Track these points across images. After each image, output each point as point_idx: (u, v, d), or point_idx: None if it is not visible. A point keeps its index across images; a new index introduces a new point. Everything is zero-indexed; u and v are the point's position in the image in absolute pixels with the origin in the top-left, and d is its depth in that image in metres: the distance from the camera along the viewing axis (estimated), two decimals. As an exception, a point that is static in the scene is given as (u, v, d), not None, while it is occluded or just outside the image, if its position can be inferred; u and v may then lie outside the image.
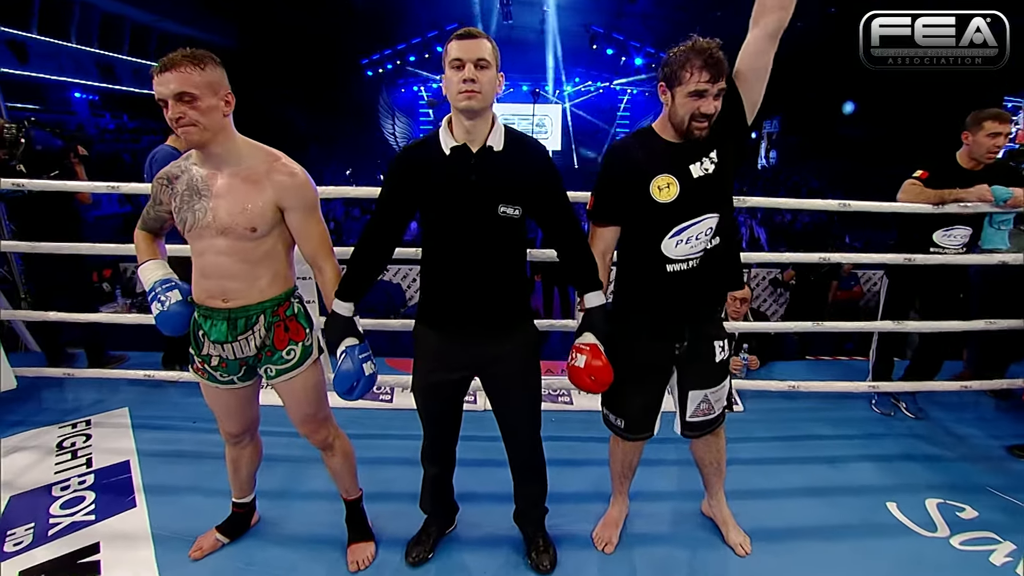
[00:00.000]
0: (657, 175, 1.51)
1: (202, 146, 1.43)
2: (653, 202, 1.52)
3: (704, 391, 1.68)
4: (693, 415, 1.71)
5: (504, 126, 1.47)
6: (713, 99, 1.44)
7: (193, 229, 1.46)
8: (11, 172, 2.77)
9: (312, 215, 1.55)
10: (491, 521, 1.97)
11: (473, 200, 1.43)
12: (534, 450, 1.76)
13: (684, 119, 1.46)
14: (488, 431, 2.15)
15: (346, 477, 1.83)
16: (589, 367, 1.55)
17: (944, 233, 2.57)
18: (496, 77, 1.41)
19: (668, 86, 1.49)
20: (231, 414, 1.69)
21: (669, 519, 2.03)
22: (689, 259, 1.57)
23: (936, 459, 2.43)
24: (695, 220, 1.53)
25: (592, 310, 1.59)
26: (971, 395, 3.02)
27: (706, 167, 1.52)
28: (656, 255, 1.56)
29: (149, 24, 14.98)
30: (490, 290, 1.51)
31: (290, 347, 1.59)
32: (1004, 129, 2.44)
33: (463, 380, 1.63)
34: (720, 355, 1.68)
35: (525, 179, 1.46)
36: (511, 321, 1.58)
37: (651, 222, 1.55)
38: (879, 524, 2.01)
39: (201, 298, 1.53)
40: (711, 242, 1.57)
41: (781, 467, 2.35)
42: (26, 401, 2.76)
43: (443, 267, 1.52)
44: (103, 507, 2.02)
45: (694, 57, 1.42)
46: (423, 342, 1.61)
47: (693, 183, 1.51)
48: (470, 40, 1.36)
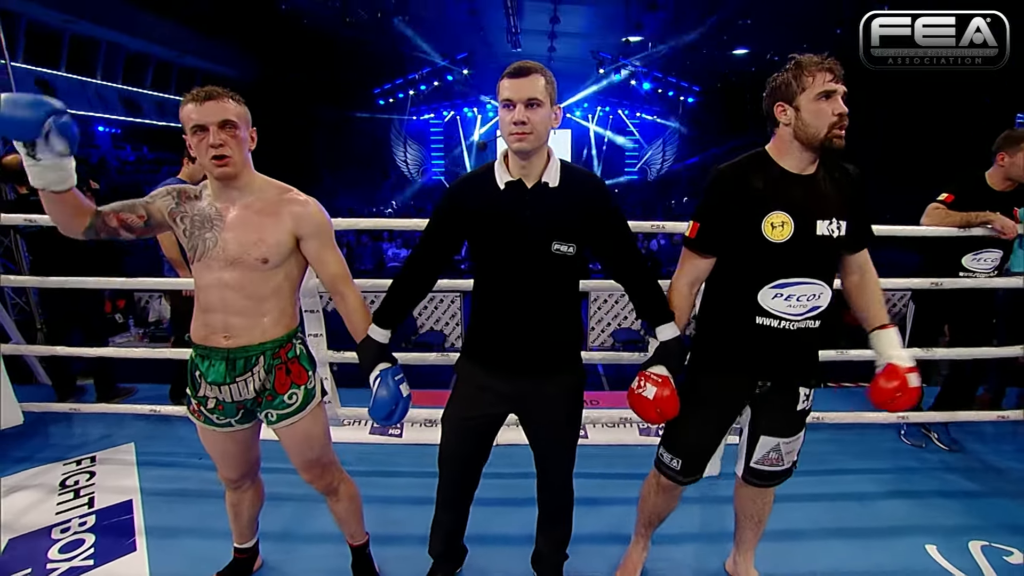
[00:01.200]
0: (773, 210, 1.38)
1: (231, 179, 1.41)
2: (763, 240, 1.39)
3: (777, 439, 1.54)
4: (759, 462, 1.57)
5: (560, 160, 1.43)
6: (842, 101, 1.33)
7: (202, 259, 1.43)
8: (34, 207, 2.80)
9: (328, 242, 1.53)
10: (501, 566, 1.88)
11: (526, 236, 1.38)
12: (565, 493, 1.68)
13: (820, 128, 1.33)
14: (502, 468, 2.08)
15: (352, 522, 1.76)
16: (659, 398, 1.46)
17: (974, 257, 2.48)
18: (551, 113, 1.36)
19: (787, 100, 1.37)
20: (229, 459, 1.62)
21: (691, 567, 1.91)
22: (783, 319, 1.43)
23: (976, 495, 2.29)
24: (802, 280, 1.41)
25: (669, 343, 1.51)
26: (1009, 425, 2.86)
27: (833, 229, 1.39)
28: (749, 303, 1.44)
29: (171, 60, 15.53)
30: (540, 329, 1.45)
31: (292, 391, 1.54)
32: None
33: (498, 418, 1.57)
34: (803, 404, 1.53)
35: (580, 215, 1.41)
36: (560, 361, 1.51)
37: (754, 263, 1.42)
38: (920, 571, 1.88)
39: (201, 335, 1.48)
40: (813, 321, 1.44)
41: (808, 505, 2.22)
42: (32, 436, 2.73)
43: (493, 303, 1.48)
44: (102, 551, 1.96)
45: (810, 64, 1.34)
46: (465, 376, 1.56)
47: (815, 237, 1.39)
48: (521, 78, 1.32)
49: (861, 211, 1.46)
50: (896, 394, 1.46)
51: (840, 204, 1.41)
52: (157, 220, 1.48)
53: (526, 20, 14.19)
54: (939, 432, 2.71)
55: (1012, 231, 2.32)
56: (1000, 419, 2.60)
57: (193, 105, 1.34)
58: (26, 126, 1.21)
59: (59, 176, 1.29)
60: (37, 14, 11.00)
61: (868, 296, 1.53)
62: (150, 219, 1.48)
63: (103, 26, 12.98)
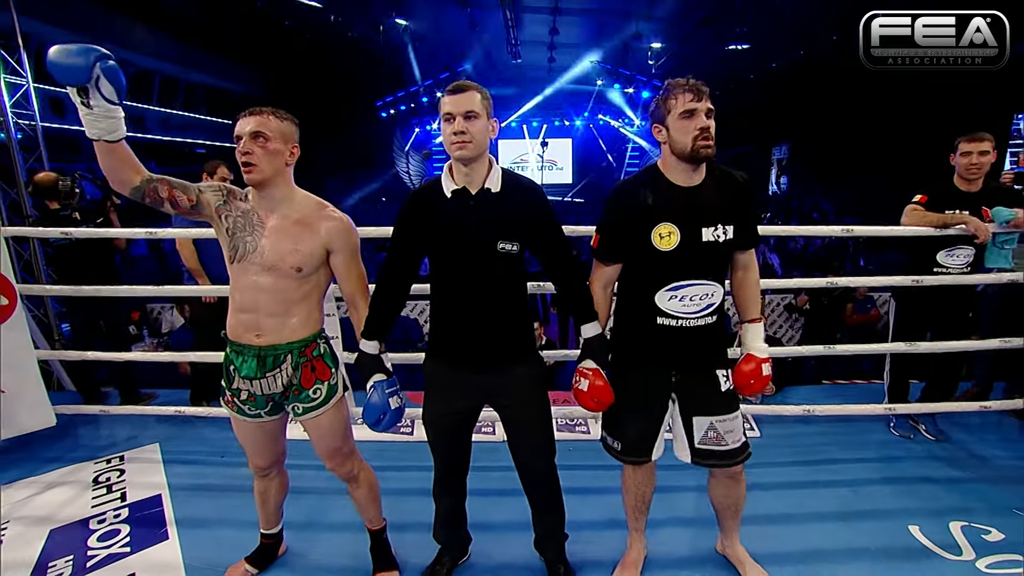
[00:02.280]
0: (661, 222, 1.54)
1: (257, 185, 1.56)
2: (653, 249, 1.55)
3: (709, 418, 1.67)
4: (702, 442, 1.69)
5: (501, 168, 1.58)
6: (705, 116, 1.49)
7: (242, 261, 1.57)
8: (64, 221, 2.98)
9: (355, 257, 1.68)
10: (506, 550, 2.00)
11: (473, 238, 1.53)
12: (549, 479, 1.80)
13: (687, 143, 1.49)
14: (502, 461, 2.20)
15: (370, 508, 1.88)
16: (592, 388, 1.63)
17: (947, 253, 2.62)
18: (488, 125, 1.52)
19: (660, 122, 1.56)
20: (259, 447, 1.76)
21: (687, 553, 2.01)
22: (680, 318, 1.59)
23: (958, 481, 2.41)
24: (694, 282, 1.57)
25: (592, 339, 1.67)
26: (994, 416, 2.99)
27: (719, 234, 1.55)
28: (649, 305, 1.60)
29: (177, 76, 15.82)
30: (493, 321, 1.59)
31: (316, 386, 1.68)
32: (976, 148, 2.52)
33: (471, 411, 1.70)
34: (725, 384, 1.67)
35: (521, 217, 1.57)
36: (515, 351, 1.65)
37: (648, 269, 1.59)
38: (902, 548, 2.00)
39: (236, 333, 1.62)
40: (710, 317, 1.61)
41: (799, 491, 2.35)
42: (63, 438, 2.88)
43: (449, 302, 1.62)
44: (137, 540, 2.10)
45: (674, 88, 1.53)
46: (432, 375, 1.70)
47: (701, 244, 1.55)
48: (459, 94, 1.49)
49: (747, 215, 1.63)
50: (751, 380, 1.68)
51: (725, 211, 1.57)
52: (204, 209, 1.60)
53: (526, 31, 14.42)
54: (927, 423, 2.82)
55: (984, 234, 2.45)
56: (983, 409, 2.72)
57: (240, 119, 1.52)
58: (76, 71, 1.30)
59: (110, 124, 1.39)
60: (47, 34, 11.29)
61: (747, 291, 1.73)
62: (198, 204, 1.60)
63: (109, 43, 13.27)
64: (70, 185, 3.06)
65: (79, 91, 1.33)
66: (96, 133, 1.39)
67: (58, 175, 3.08)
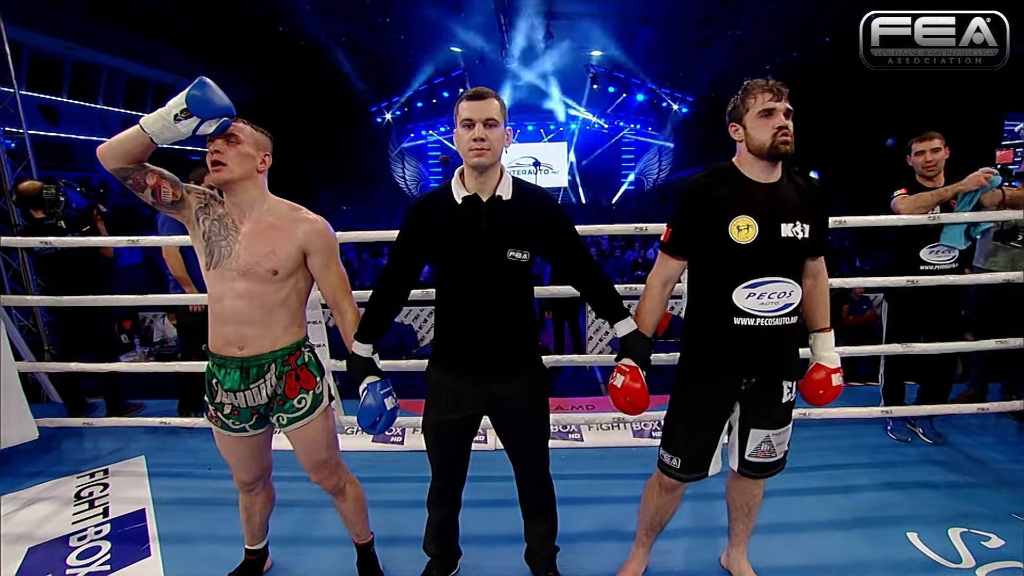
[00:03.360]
0: (739, 214, 1.50)
1: (225, 185, 1.54)
2: (730, 242, 1.51)
3: (767, 431, 1.63)
4: (753, 454, 1.65)
5: (513, 177, 1.55)
6: (783, 116, 1.48)
7: (217, 267, 1.54)
8: (50, 230, 2.94)
9: (333, 259, 1.65)
10: (496, 565, 1.96)
11: (484, 246, 1.50)
12: (544, 484, 1.77)
13: (765, 140, 1.48)
14: (494, 471, 2.17)
15: (357, 522, 1.85)
16: (626, 388, 1.60)
17: (930, 250, 2.60)
18: (504, 133, 1.50)
19: (737, 120, 1.55)
20: (243, 462, 1.72)
21: (687, 565, 1.97)
22: (758, 316, 1.53)
23: (957, 486, 2.37)
24: (771, 279, 1.52)
25: (627, 337, 1.63)
26: (991, 418, 2.96)
27: (797, 231, 1.51)
28: (725, 304, 1.54)
29: (171, 84, 15.80)
30: (500, 331, 1.56)
31: (301, 395, 1.64)
32: (927, 146, 2.58)
33: (473, 419, 1.67)
34: (787, 396, 1.63)
35: (533, 225, 1.54)
36: (520, 360, 1.62)
37: (726, 265, 1.54)
38: (901, 557, 1.96)
39: (217, 346, 1.59)
40: (788, 317, 1.55)
41: (795, 499, 2.31)
42: (46, 452, 2.83)
43: (456, 310, 1.59)
44: (119, 557, 2.05)
45: (753, 87, 1.51)
46: (436, 383, 1.66)
47: (780, 239, 1.51)
48: (479, 101, 1.46)
49: (822, 218, 1.59)
50: (820, 390, 1.65)
51: (802, 208, 1.53)
52: (184, 209, 1.59)
53: (520, 35, 14.47)
54: (924, 427, 2.79)
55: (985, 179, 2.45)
56: (980, 411, 2.69)
57: None
58: (213, 110, 1.47)
59: (170, 136, 1.48)
60: (39, 42, 11.26)
61: (817, 300, 1.68)
62: (181, 202, 1.58)
63: (103, 52, 13.26)
64: (54, 194, 3.02)
65: (186, 113, 1.45)
66: (156, 135, 1.48)
67: (43, 184, 3.04)
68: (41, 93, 12.03)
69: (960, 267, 2.65)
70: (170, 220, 2.96)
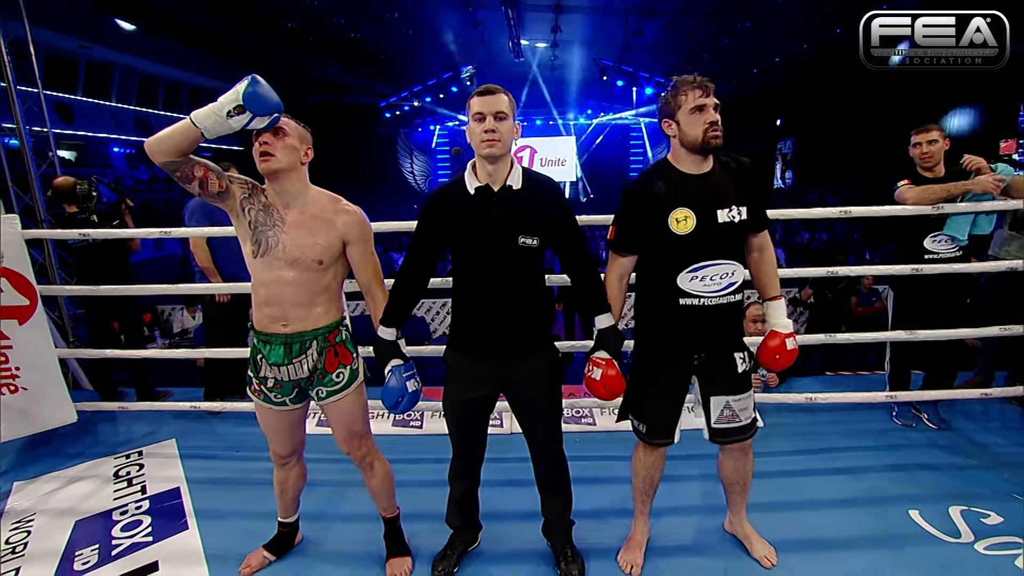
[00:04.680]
0: (676, 207, 1.61)
1: (272, 176, 1.63)
2: (671, 234, 1.62)
3: (726, 397, 1.75)
4: (718, 421, 1.77)
5: (522, 168, 1.65)
6: (713, 111, 1.58)
7: (265, 256, 1.65)
8: (82, 224, 3.07)
9: (369, 248, 1.77)
10: (515, 537, 2.06)
11: (496, 233, 1.60)
12: (558, 462, 1.87)
13: (698, 135, 1.58)
14: (511, 453, 2.27)
15: (384, 496, 1.95)
16: (604, 378, 1.71)
17: (932, 239, 2.66)
18: (513, 126, 1.60)
19: (670, 117, 1.65)
20: (281, 435, 1.84)
21: (693, 535, 2.07)
22: (703, 297, 1.65)
23: (959, 468, 2.44)
24: (713, 262, 1.63)
25: (606, 331, 1.74)
26: (996, 404, 3.02)
27: (733, 215, 1.62)
28: (671, 288, 1.66)
29: (181, 80, 15.99)
30: (514, 313, 1.66)
31: (339, 370, 1.76)
32: (924, 138, 2.63)
33: (489, 398, 1.77)
34: (741, 366, 1.75)
35: (542, 213, 1.64)
36: (533, 342, 1.72)
37: (669, 254, 1.65)
38: (902, 532, 2.04)
39: (263, 324, 1.70)
40: (732, 295, 1.66)
41: (803, 479, 2.39)
42: (83, 435, 2.97)
43: (471, 294, 1.69)
44: (159, 529, 2.18)
45: (683, 85, 1.62)
46: (453, 364, 1.77)
47: (717, 225, 1.61)
48: (490, 96, 1.57)
49: (758, 197, 1.70)
50: (776, 355, 1.76)
51: (736, 192, 1.64)
52: (229, 199, 1.68)
53: (528, 30, 14.48)
54: (928, 412, 2.85)
55: (995, 187, 2.47)
56: (984, 397, 2.75)
57: None
58: (266, 106, 1.53)
59: (220, 130, 1.53)
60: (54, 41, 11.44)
61: (764, 271, 1.81)
62: (226, 193, 1.67)
63: (117, 51, 13.43)
64: (87, 189, 3.15)
65: (239, 109, 1.51)
66: (207, 129, 1.52)
67: (76, 180, 3.18)
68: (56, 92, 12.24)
69: (965, 256, 2.69)
70: (197, 213, 3.08)
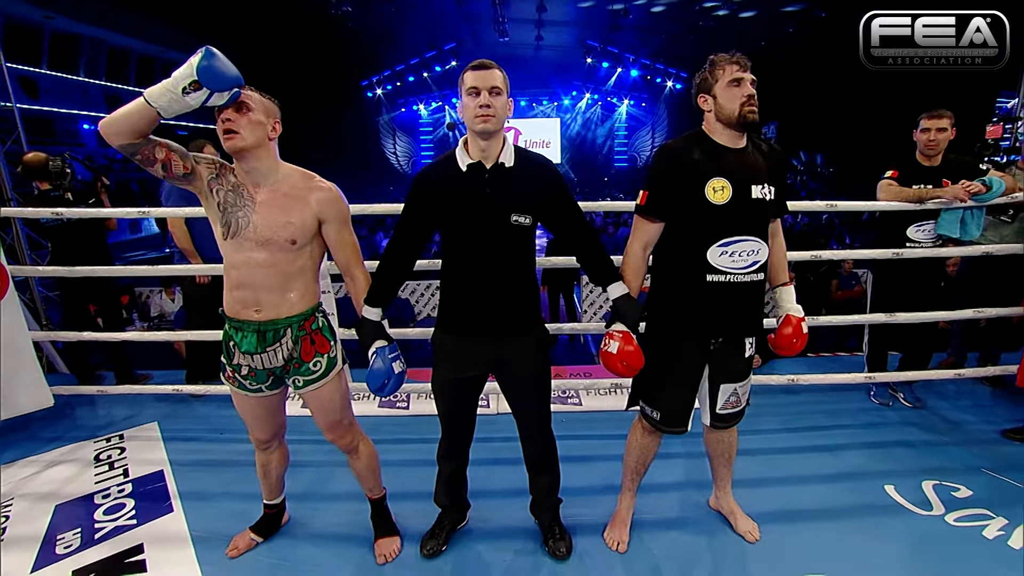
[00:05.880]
0: (714, 176, 1.58)
1: (239, 154, 1.54)
2: (706, 203, 1.59)
3: (734, 385, 1.75)
4: (723, 407, 1.78)
5: (514, 146, 1.62)
6: (750, 85, 1.57)
7: (235, 237, 1.57)
8: (56, 202, 2.95)
9: (346, 226, 1.70)
10: (503, 516, 2.08)
11: (488, 210, 1.57)
12: (546, 441, 1.87)
13: (735, 108, 1.57)
14: (499, 433, 2.29)
15: (370, 478, 1.94)
16: (622, 352, 1.65)
17: (916, 228, 2.73)
18: (507, 102, 1.57)
19: (706, 91, 1.63)
20: (259, 421, 1.79)
21: (677, 511, 2.12)
22: (730, 273, 1.62)
23: (932, 444, 2.53)
24: (743, 238, 1.61)
25: (618, 300, 1.70)
26: (968, 384, 3.13)
27: (765, 192, 1.61)
28: (699, 262, 1.62)
29: (154, 55, 15.42)
30: (504, 293, 1.64)
31: (316, 359, 1.71)
32: (934, 124, 2.63)
33: (479, 378, 1.76)
34: (748, 351, 1.75)
35: (535, 190, 1.61)
36: (523, 321, 1.70)
37: (701, 224, 1.61)
38: (878, 505, 2.11)
39: (234, 310, 1.63)
40: (756, 274, 1.65)
41: (784, 456, 2.46)
42: (61, 419, 2.91)
43: (461, 273, 1.66)
44: (143, 512, 2.15)
45: (720, 60, 1.61)
46: (442, 346, 1.74)
47: (751, 200, 1.60)
48: (484, 71, 1.52)
49: (782, 182, 1.71)
50: (793, 340, 1.77)
51: (768, 172, 1.64)
52: (196, 181, 1.59)
53: (513, 9, 14.24)
54: (904, 392, 2.94)
55: (965, 196, 2.55)
56: (957, 377, 2.84)
57: None
58: (224, 81, 1.42)
59: (176, 110, 1.44)
60: (15, 9, 10.91)
61: (777, 257, 1.82)
62: (192, 174, 1.58)
63: (83, 21, 12.87)
64: (60, 165, 3.03)
65: (195, 84, 1.40)
66: (164, 109, 1.44)
67: (48, 156, 3.05)
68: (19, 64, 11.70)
69: (943, 243, 2.77)
70: (175, 193, 2.99)
